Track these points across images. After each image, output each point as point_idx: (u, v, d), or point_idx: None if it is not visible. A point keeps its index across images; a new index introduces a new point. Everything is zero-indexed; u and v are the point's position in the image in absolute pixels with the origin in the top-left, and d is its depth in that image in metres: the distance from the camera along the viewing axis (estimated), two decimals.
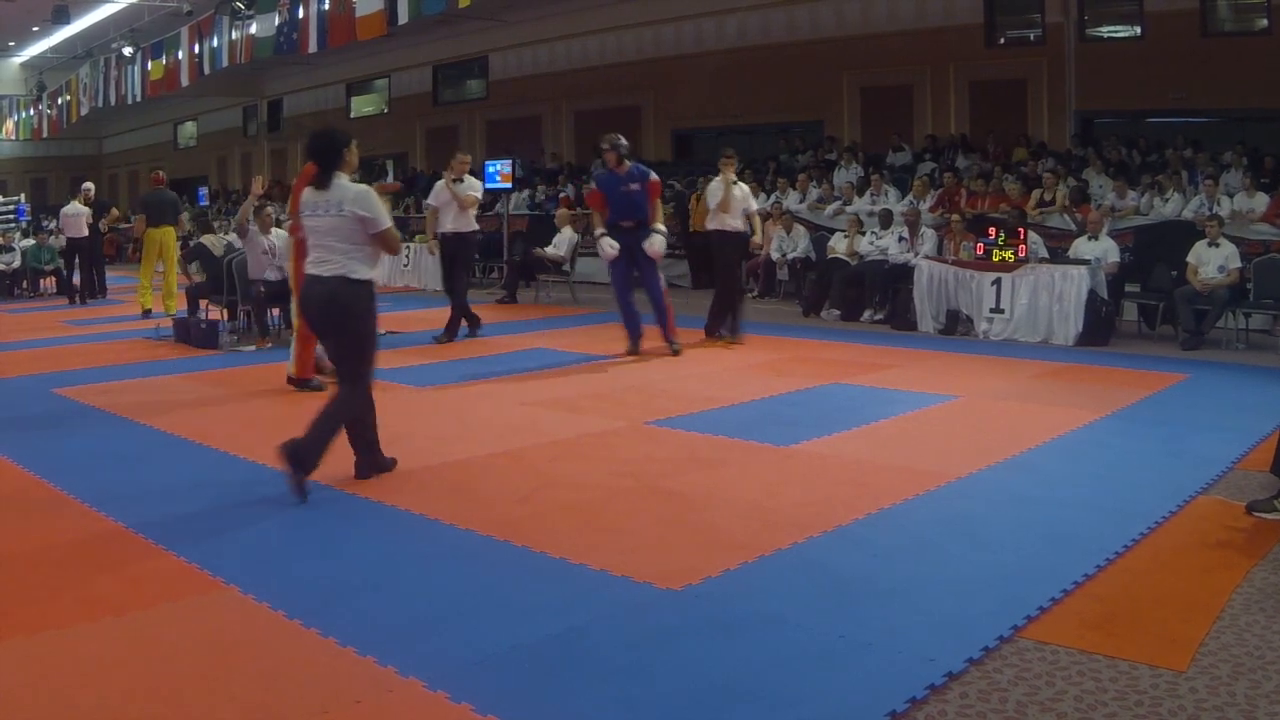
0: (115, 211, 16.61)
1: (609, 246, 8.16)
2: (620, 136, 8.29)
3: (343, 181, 4.58)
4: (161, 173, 12.85)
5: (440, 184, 9.42)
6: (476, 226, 9.63)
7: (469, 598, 3.36)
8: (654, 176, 8.38)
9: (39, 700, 2.67)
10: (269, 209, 10.10)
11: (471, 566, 3.67)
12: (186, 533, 3.98)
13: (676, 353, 8.21)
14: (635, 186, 8.10)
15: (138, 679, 2.78)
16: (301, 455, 4.39)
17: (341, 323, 4.57)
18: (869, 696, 2.66)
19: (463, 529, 4.02)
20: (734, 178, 8.91)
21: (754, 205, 9.08)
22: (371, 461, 4.80)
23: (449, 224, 9.24)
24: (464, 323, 9.41)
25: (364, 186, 4.64)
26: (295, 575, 3.57)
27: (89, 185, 15.36)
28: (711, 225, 8.91)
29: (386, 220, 4.57)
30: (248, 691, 2.70)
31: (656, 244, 8.06)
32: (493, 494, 4.54)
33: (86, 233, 13.99)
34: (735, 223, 8.79)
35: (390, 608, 3.28)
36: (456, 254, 9.34)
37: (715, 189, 8.83)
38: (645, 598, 3.33)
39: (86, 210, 14.12)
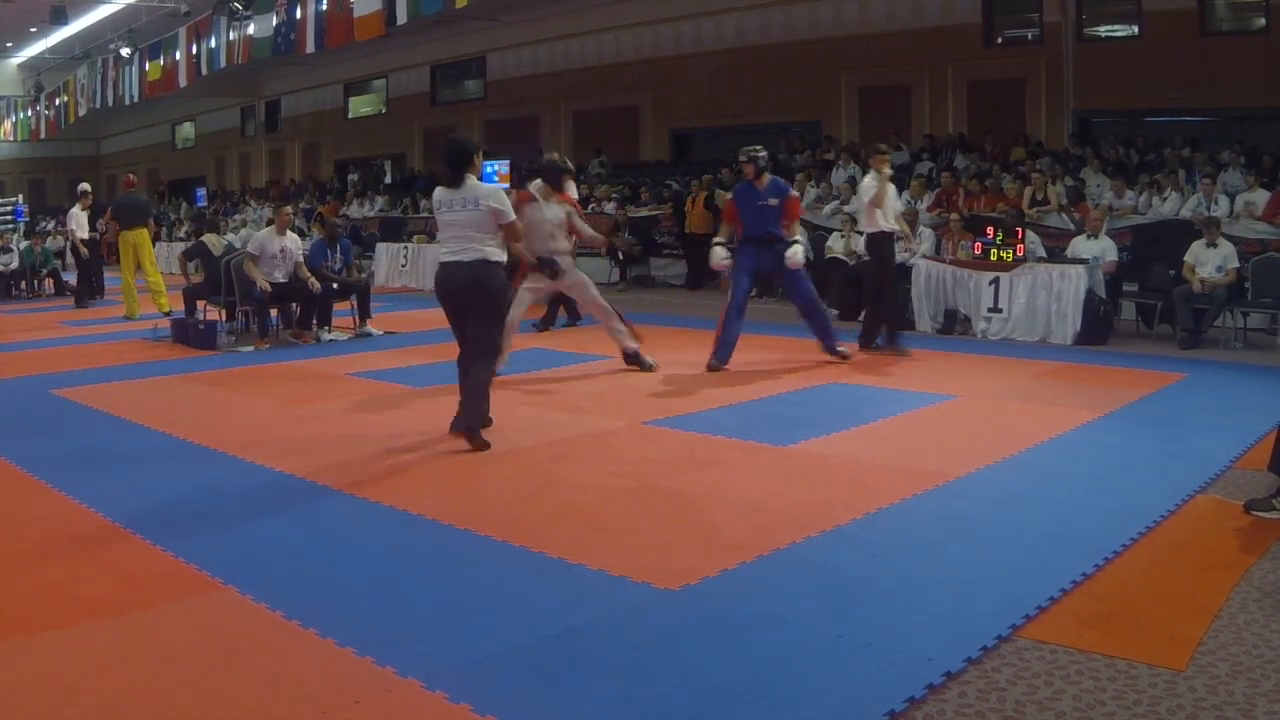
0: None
1: (718, 257, 8.00)
2: (760, 149, 7.94)
3: (473, 181, 5.35)
4: (132, 176, 12.89)
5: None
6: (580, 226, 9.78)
7: (468, 598, 3.36)
8: (794, 193, 8.18)
9: (39, 700, 2.66)
10: (286, 210, 10.11)
11: (471, 566, 3.67)
12: (186, 533, 3.98)
13: (846, 357, 7.92)
14: (773, 202, 7.75)
15: (138, 679, 2.78)
16: (473, 424, 5.29)
17: (483, 298, 5.33)
18: (868, 696, 2.67)
19: (462, 529, 4.02)
20: (890, 173, 8.32)
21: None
22: (462, 421, 5.38)
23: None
24: (562, 310, 9.93)
25: (494, 185, 5.67)
26: (295, 575, 3.57)
27: (86, 187, 15.29)
28: (867, 227, 8.37)
29: (514, 213, 5.44)
30: (247, 691, 2.70)
31: (798, 255, 7.70)
32: (493, 494, 4.55)
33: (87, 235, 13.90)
34: (889, 223, 8.29)
35: (390, 608, 3.28)
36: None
37: (869, 186, 8.24)
38: (644, 598, 3.33)
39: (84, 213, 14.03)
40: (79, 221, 13.42)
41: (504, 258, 5.44)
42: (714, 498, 4.43)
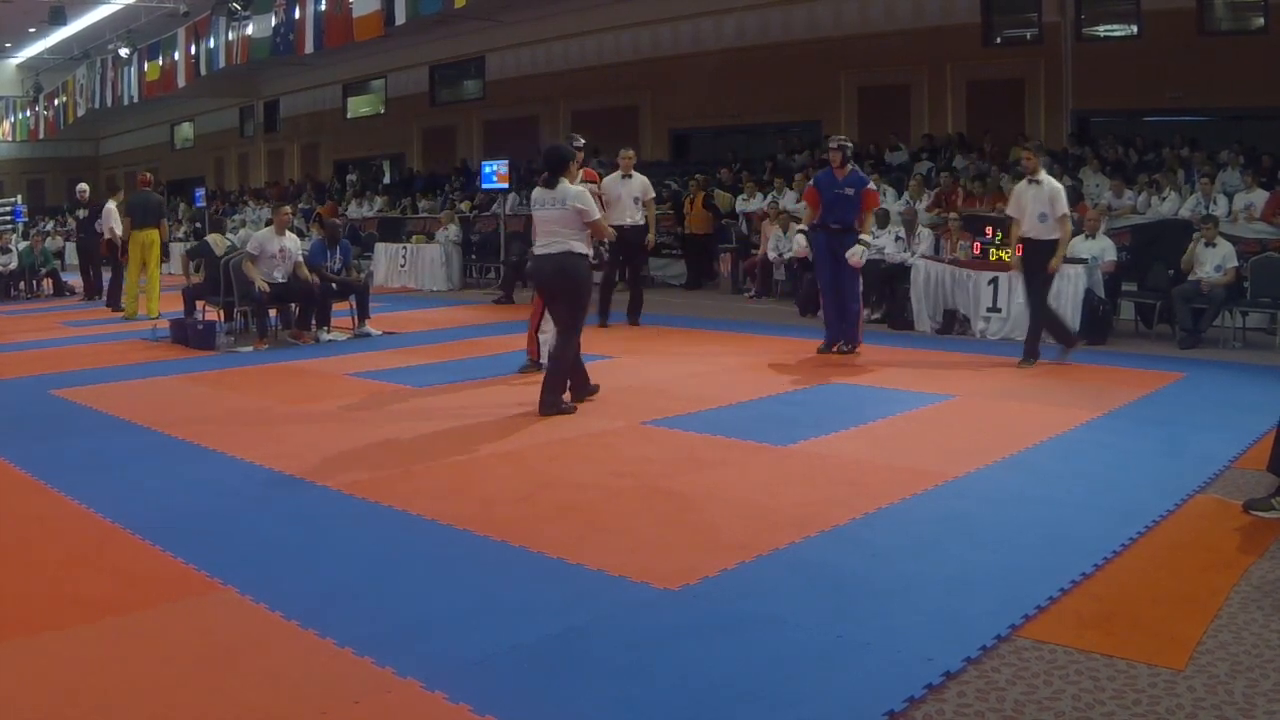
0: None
1: (800, 244, 8.46)
2: (846, 140, 8.26)
3: (565, 184, 6.05)
4: (148, 174, 12.78)
5: (610, 179, 9.69)
6: (643, 221, 9.89)
7: (468, 598, 3.36)
8: (871, 186, 8.28)
9: (39, 700, 2.66)
10: (285, 210, 10.12)
11: (471, 566, 3.67)
12: (185, 533, 3.98)
13: (847, 352, 8.11)
14: (850, 191, 8.00)
15: (137, 679, 2.78)
16: (554, 404, 6.00)
17: (566, 286, 6.08)
18: (867, 696, 2.67)
19: (461, 529, 4.02)
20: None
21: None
22: (553, 401, 6.05)
23: (627, 217, 9.58)
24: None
25: (581, 187, 6.22)
26: (294, 575, 3.57)
27: (84, 186, 15.23)
28: (1029, 232, 7.72)
29: (597, 213, 6.15)
30: (246, 692, 2.70)
31: (857, 254, 7.86)
32: (492, 494, 4.55)
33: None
34: (1053, 231, 7.64)
35: (389, 608, 3.28)
36: (630, 245, 9.67)
37: (1024, 191, 7.79)
38: (644, 598, 3.33)
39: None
40: (116, 219, 13.11)
41: (589, 251, 6.14)
42: (714, 498, 4.43)
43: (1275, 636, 3.01)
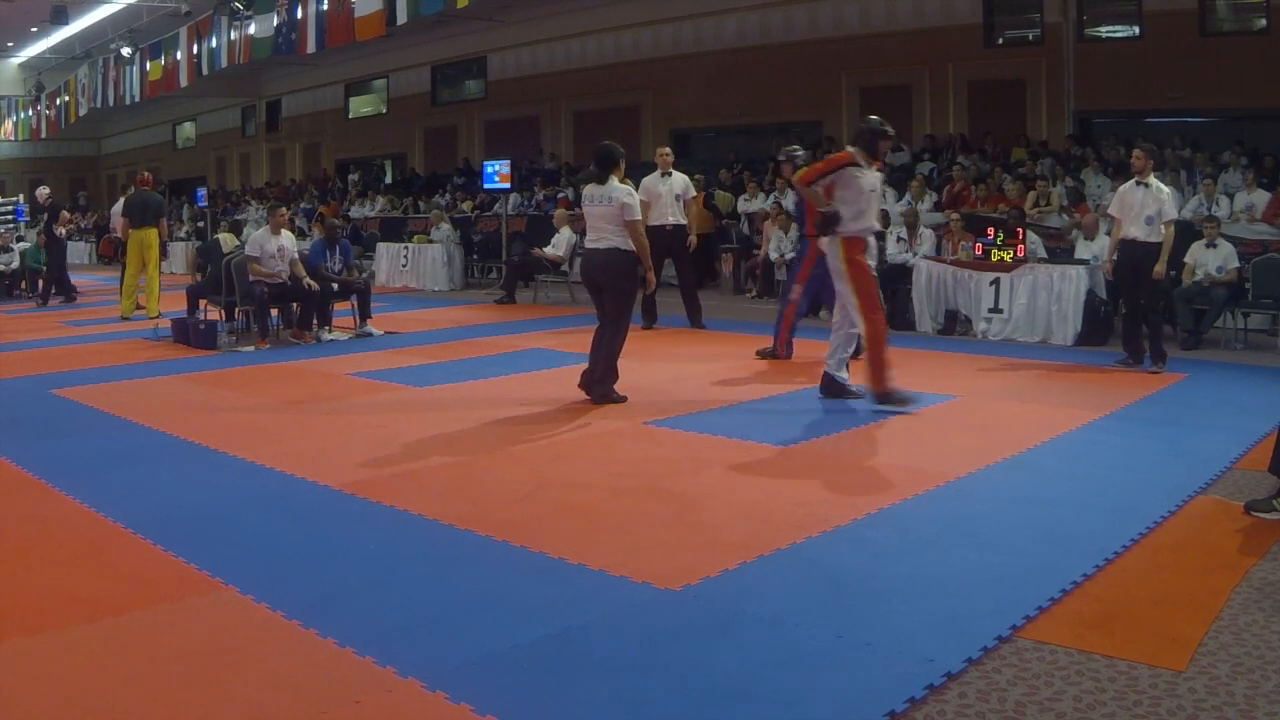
0: (66, 214, 15.94)
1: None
2: (797, 148, 8.53)
3: (614, 181, 6.31)
4: (148, 174, 12.76)
5: (650, 178, 9.72)
6: (684, 221, 9.82)
7: (469, 598, 3.36)
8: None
9: (39, 700, 2.66)
10: (283, 211, 10.13)
11: (471, 566, 3.67)
12: (185, 533, 3.98)
13: (762, 357, 8.09)
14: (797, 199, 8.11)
15: (138, 679, 2.78)
16: (608, 390, 6.37)
17: (614, 279, 6.32)
18: (868, 696, 2.66)
19: (462, 529, 4.02)
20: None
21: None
22: (605, 392, 6.37)
23: (669, 217, 9.61)
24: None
25: (628, 187, 6.42)
26: (295, 575, 3.57)
27: (45, 190, 15.06)
28: (1134, 235, 7.44)
29: (639, 214, 6.32)
30: (247, 692, 2.70)
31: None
32: (492, 494, 4.54)
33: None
34: (1159, 234, 7.36)
35: (390, 608, 3.28)
36: (672, 245, 9.66)
37: (1130, 191, 7.51)
38: (644, 598, 3.33)
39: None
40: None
41: (631, 248, 6.31)
42: (714, 498, 4.42)
43: (1276, 638, 3.01)
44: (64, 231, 13.33)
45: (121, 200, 13.21)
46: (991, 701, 2.65)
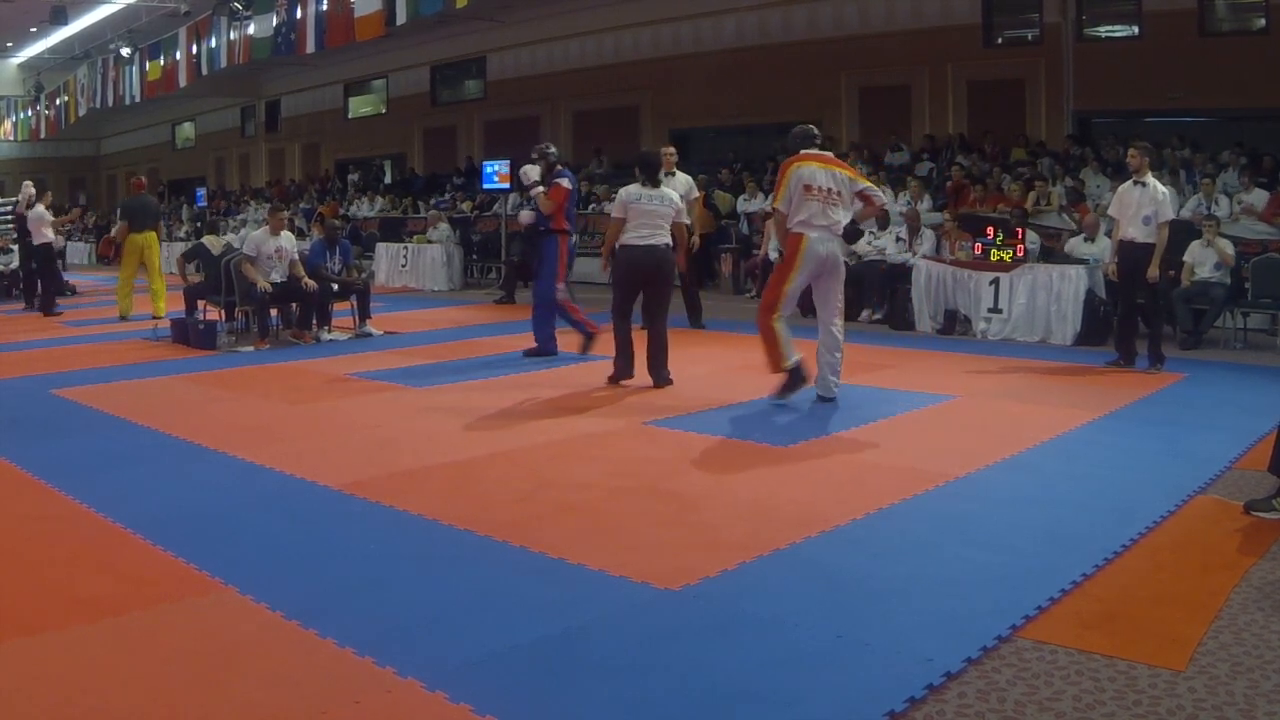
0: (49, 213, 15.52)
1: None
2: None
3: (664, 185, 7.04)
4: (143, 178, 12.81)
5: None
6: (689, 221, 9.53)
7: (469, 598, 3.36)
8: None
9: (39, 700, 2.66)
10: (283, 212, 10.14)
11: (471, 566, 3.67)
12: (185, 533, 3.98)
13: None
14: None
15: (137, 680, 2.78)
16: (664, 375, 6.92)
17: (665, 274, 6.95)
18: (867, 696, 2.67)
19: (462, 529, 4.02)
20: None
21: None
22: (669, 375, 6.94)
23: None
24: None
25: (670, 191, 7.09)
26: (295, 575, 3.57)
27: (31, 190, 14.81)
28: (1132, 235, 7.44)
29: (685, 216, 7.10)
30: (247, 692, 2.70)
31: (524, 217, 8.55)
32: (492, 494, 4.54)
33: (51, 237, 13.12)
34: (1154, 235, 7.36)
35: (390, 608, 3.28)
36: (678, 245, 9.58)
37: (1128, 191, 7.49)
38: (644, 598, 3.33)
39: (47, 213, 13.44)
40: (36, 216, 12.84)
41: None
42: (714, 498, 4.42)
43: (1276, 637, 3.01)
44: (51, 232, 13.08)
45: (37, 205, 12.97)
46: (991, 701, 2.65)
